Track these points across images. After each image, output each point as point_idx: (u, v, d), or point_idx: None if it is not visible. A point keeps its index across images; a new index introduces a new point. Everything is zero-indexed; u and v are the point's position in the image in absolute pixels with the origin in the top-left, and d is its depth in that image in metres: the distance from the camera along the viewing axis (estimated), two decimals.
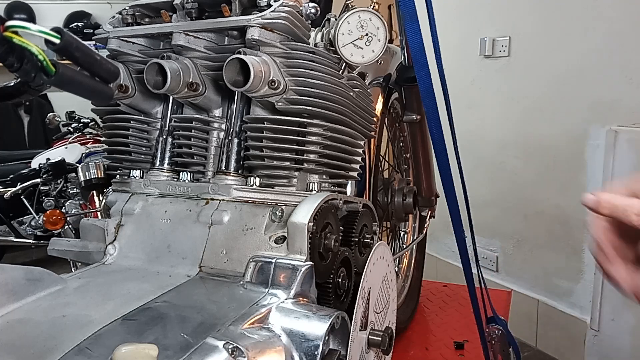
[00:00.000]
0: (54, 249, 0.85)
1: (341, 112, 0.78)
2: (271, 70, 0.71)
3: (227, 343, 0.50)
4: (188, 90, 0.75)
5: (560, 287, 2.23)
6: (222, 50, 0.77)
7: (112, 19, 0.84)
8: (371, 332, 0.70)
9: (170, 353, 0.49)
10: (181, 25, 0.76)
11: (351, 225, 0.77)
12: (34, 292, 0.61)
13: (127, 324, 0.55)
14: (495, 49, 2.42)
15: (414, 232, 1.48)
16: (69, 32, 0.47)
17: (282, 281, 0.64)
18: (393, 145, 1.34)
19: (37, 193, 2.85)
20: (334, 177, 0.82)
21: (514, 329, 1.25)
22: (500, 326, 1.14)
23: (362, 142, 0.87)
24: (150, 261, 0.73)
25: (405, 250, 1.45)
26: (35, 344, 0.51)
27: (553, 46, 2.14)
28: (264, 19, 0.71)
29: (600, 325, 2.04)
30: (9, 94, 0.52)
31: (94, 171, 2.29)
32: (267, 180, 0.76)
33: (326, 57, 0.75)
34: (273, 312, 0.60)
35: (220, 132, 0.79)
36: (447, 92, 1.01)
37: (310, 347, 0.57)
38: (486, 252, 2.57)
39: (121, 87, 0.79)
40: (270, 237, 0.69)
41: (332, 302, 0.69)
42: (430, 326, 1.40)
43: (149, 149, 0.83)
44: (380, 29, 0.75)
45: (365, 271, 0.67)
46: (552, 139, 2.18)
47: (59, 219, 2.22)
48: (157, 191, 0.79)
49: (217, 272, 0.70)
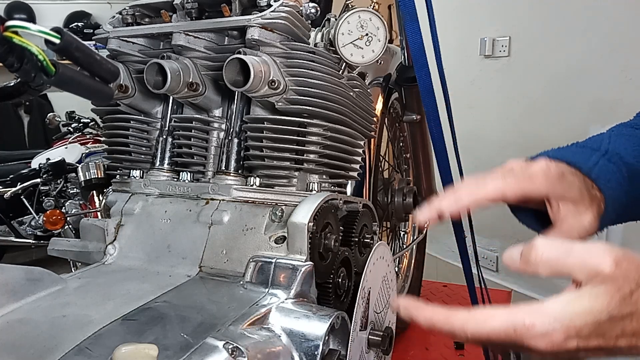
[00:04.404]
0: (54, 249, 0.85)
1: (341, 112, 0.78)
2: (271, 70, 0.71)
3: (227, 343, 0.50)
4: (188, 90, 0.75)
5: (560, 287, 2.22)
6: (222, 50, 0.77)
7: (112, 19, 0.84)
8: (371, 332, 0.70)
9: (170, 353, 0.49)
10: (181, 25, 0.76)
11: (351, 225, 0.77)
12: (34, 292, 0.61)
13: (127, 324, 0.55)
14: (495, 49, 2.42)
15: (414, 232, 1.48)
16: (69, 32, 0.47)
17: (282, 281, 0.64)
18: (393, 145, 1.34)
19: (37, 193, 2.85)
20: (334, 177, 0.82)
21: None
22: None
23: (362, 142, 0.87)
24: (150, 261, 0.73)
25: (405, 250, 1.45)
26: (35, 344, 0.51)
27: (553, 46, 2.14)
28: (264, 19, 0.71)
29: None
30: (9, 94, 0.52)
31: (94, 171, 2.29)
32: (267, 180, 0.76)
33: (326, 57, 0.75)
34: (273, 312, 0.60)
35: (220, 132, 0.79)
36: (447, 92, 1.01)
37: (310, 347, 0.57)
38: (486, 252, 2.56)
39: (121, 87, 0.79)
40: (270, 237, 0.69)
41: (332, 302, 0.69)
42: None
43: (149, 149, 0.83)
44: (380, 29, 0.75)
45: (365, 271, 0.67)
46: (552, 139, 2.17)
47: (59, 219, 2.22)
48: (157, 191, 0.79)
49: (217, 272, 0.70)
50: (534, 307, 0.39)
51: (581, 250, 0.40)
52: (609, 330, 0.38)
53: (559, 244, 0.42)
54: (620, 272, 0.39)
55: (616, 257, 0.39)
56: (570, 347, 0.38)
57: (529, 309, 0.39)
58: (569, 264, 0.41)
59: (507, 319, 0.39)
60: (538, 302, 0.40)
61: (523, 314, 0.39)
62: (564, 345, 0.38)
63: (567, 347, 0.38)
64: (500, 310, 0.40)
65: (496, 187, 0.51)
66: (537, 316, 0.39)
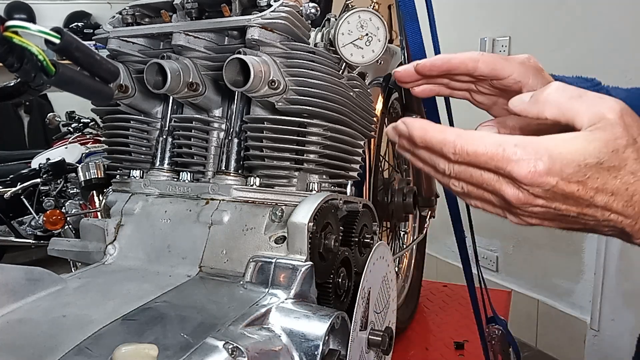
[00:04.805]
0: (54, 249, 0.85)
1: (341, 112, 0.78)
2: (271, 70, 0.71)
3: (227, 343, 0.50)
4: (188, 90, 0.75)
5: (560, 287, 2.23)
6: (222, 50, 0.77)
7: (112, 19, 0.84)
8: (371, 332, 0.70)
9: (170, 353, 0.49)
10: (181, 25, 0.76)
11: (351, 225, 0.77)
12: (34, 292, 0.61)
13: (127, 324, 0.55)
14: (495, 49, 2.42)
15: (414, 232, 1.48)
16: (69, 32, 0.47)
17: (282, 281, 0.64)
18: (393, 145, 1.34)
19: (37, 193, 2.85)
20: (334, 177, 0.82)
21: (514, 329, 1.25)
22: (500, 326, 1.14)
23: (362, 142, 0.87)
24: (150, 261, 0.73)
25: (405, 250, 1.45)
26: (35, 344, 0.51)
27: (553, 46, 2.14)
28: (264, 19, 0.71)
29: (600, 325, 2.04)
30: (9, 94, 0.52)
31: (94, 171, 2.29)
32: (267, 180, 0.76)
33: (326, 57, 0.75)
34: (273, 312, 0.60)
35: (220, 132, 0.79)
36: None
37: (310, 347, 0.57)
38: (486, 252, 2.57)
39: (121, 87, 0.79)
40: (270, 237, 0.69)
41: (332, 302, 0.69)
42: (430, 326, 1.40)
43: (149, 149, 0.83)
44: (380, 29, 0.75)
45: (365, 271, 0.67)
46: None
47: (59, 219, 2.22)
48: (157, 191, 0.79)
49: (217, 272, 0.70)
50: (527, 137, 0.39)
51: (593, 96, 0.40)
52: (591, 177, 0.38)
53: (574, 87, 0.41)
54: (622, 123, 0.38)
55: (623, 109, 0.39)
56: (549, 184, 0.38)
57: (522, 138, 0.39)
58: (576, 107, 0.40)
59: (498, 140, 0.39)
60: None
61: (515, 139, 0.39)
62: (545, 179, 0.38)
63: (547, 182, 0.38)
64: (494, 134, 0.41)
65: (472, 55, 0.52)
66: (528, 142, 0.38)
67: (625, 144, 0.38)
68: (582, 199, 0.39)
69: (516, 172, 0.38)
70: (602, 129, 0.38)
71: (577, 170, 0.38)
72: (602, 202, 0.39)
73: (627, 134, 0.38)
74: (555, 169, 0.37)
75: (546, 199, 0.39)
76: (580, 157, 0.38)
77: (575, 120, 0.40)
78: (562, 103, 0.40)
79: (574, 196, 0.39)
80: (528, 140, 0.39)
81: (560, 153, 0.38)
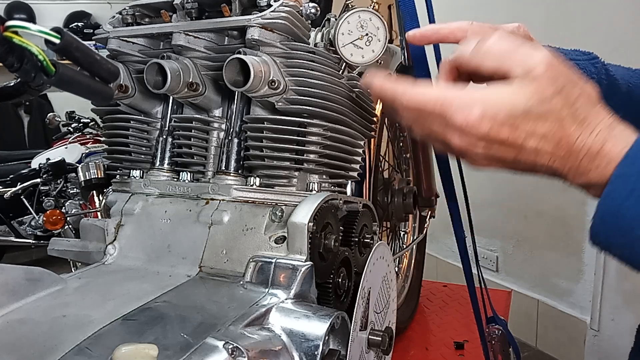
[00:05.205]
0: (54, 249, 0.85)
1: (341, 112, 0.78)
2: (271, 70, 0.71)
3: (227, 343, 0.50)
4: (188, 90, 0.75)
5: (560, 287, 2.23)
6: (222, 50, 0.77)
7: (112, 19, 0.84)
8: (371, 332, 0.70)
9: (170, 353, 0.49)
10: (181, 25, 0.76)
11: (351, 225, 0.77)
12: (34, 292, 0.61)
13: (127, 324, 0.55)
14: None
15: (414, 232, 1.48)
16: (69, 32, 0.47)
17: (282, 281, 0.64)
18: (393, 145, 1.34)
19: (37, 193, 2.85)
20: (334, 177, 0.82)
21: (514, 329, 1.25)
22: (500, 326, 1.14)
23: (362, 142, 0.87)
24: (150, 261, 0.73)
25: (405, 250, 1.45)
26: (35, 344, 0.51)
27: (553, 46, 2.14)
28: (264, 19, 0.71)
29: (600, 325, 2.04)
30: (9, 94, 0.52)
31: (94, 171, 2.29)
32: (267, 180, 0.76)
33: (326, 57, 0.75)
34: (273, 312, 0.60)
35: (220, 132, 0.79)
36: None
37: (310, 347, 0.57)
38: (486, 252, 2.57)
39: (121, 87, 0.79)
40: (270, 237, 0.69)
41: (332, 302, 0.69)
42: (430, 326, 1.40)
43: (149, 149, 0.83)
44: (380, 29, 0.75)
45: (365, 271, 0.67)
46: None
47: (59, 219, 2.22)
48: (157, 191, 0.79)
49: (217, 272, 0.70)
50: (464, 90, 0.44)
51: (527, 49, 0.44)
52: (522, 124, 0.42)
53: (513, 39, 0.45)
54: (549, 74, 0.42)
55: (550, 61, 0.42)
56: (483, 129, 0.42)
57: (459, 90, 0.44)
58: (513, 59, 0.44)
59: (438, 92, 0.45)
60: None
61: (453, 91, 0.44)
62: (479, 124, 0.42)
63: (481, 127, 0.42)
64: (436, 87, 0.47)
65: (461, 25, 0.56)
66: (463, 94, 0.44)
67: (552, 92, 0.42)
68: (515, 143, 0.43)
69: (454, 119, 0.43)
70: (530, 79, 0.42)
71: (507, 118, 0.42)
72: (534, 144, 0.43)
73: (554, 84, 0.42)
74: (488, 116, 0.42)
75: (485, 144, 0.43)
76: (510, 106, 0.42)
77: (510, 72, 0.43)
78: (500, 57, 0.44)
79: (507, 141, 0.43)
80: (465, 91, 0.44)
81: (493, 102, 0.42)
